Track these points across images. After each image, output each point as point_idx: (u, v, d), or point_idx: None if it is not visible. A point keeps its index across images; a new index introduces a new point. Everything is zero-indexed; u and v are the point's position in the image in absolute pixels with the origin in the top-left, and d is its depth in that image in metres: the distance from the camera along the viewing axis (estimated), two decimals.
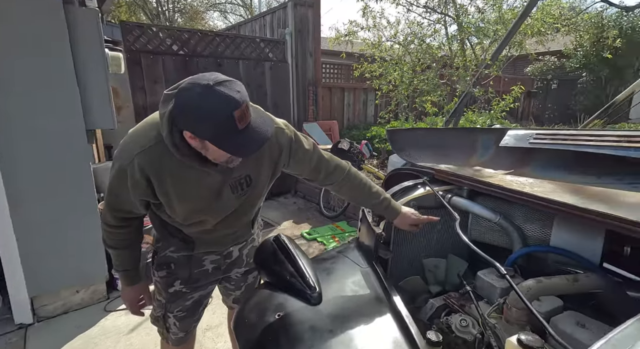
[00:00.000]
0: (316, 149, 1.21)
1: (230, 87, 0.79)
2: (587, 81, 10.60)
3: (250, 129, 0.82)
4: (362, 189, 1.25)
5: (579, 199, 1.00)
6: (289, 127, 1.20)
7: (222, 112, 0.76)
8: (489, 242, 1.39)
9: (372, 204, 1.26)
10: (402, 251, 1.43)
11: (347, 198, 1.37)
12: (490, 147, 1.51)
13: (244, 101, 0.79)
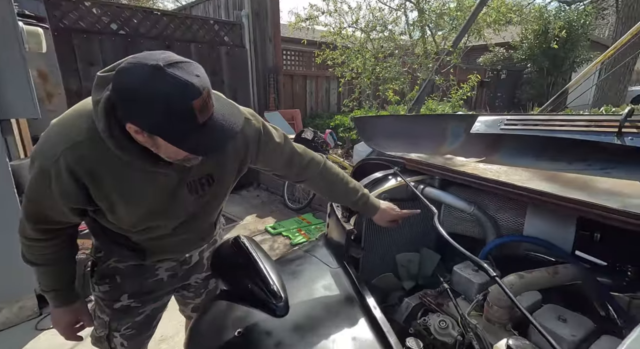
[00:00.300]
0: (288, 142, 1.08)
1: (187, 70, 0.65)
2: (531, 72, 11.38)
3: (214, 123, 0.68)
4: (339, 185, 1.14)
5: (557, 187, 0.95)
6: (257, 118, 1.02)
7: (177, 102, 0.62)
8: (461, 233, 1.34)
9: (351, 201, 1.16)
10: (374, 247, 1.34)
11: (323, 195, 1.23)
12: (460, 134, 1.45)
13: (205, 88, 0.65)
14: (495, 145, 1.32)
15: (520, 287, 0.87)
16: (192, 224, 1.08)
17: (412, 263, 1.33)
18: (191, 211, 1.02)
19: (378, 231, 1.34)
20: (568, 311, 0.91)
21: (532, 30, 10.23)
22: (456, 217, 1.32)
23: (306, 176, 1.10)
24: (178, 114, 0.63)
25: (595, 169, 1.05)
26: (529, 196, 0.95)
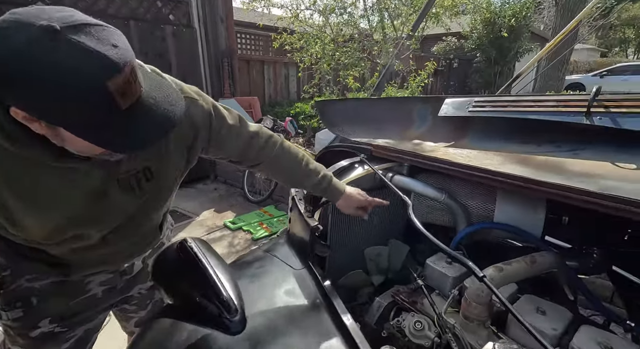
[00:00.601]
0: (243, 123, 0.94)
1: (98, 37, 0.48)
2: (480, 61, 11.96)
3: (142, 109, 0.53)
4: (299, 165, 1.01)
5: (530, 171, 0.90)
6: (205, 98, 0.84)
7: (83, 81, 0.47)
8: (431, 222, 1.28)
9: (312, 183, 1.02)
10: (341, 242, 1.23)
11: (281, 178, 1.07)
12: (427, 117, 1.37)
13: (127, 62, 0.50)
14: (464, 128, 1.25)
15: (500, 281, 0.80)
16: (130, 230, 0.88)
17: (381, 256, 1.25)
18: (127, 213, 0.82)
19: (346, 224, 1.23)
20: (543, 300, 0.87)
21: (481, 20, 10.71)
22: (427, 206, 1.25)
23: (263, 158, 0.97)
24: (85, 99, 0.48)
25: (565, 150, 1.01)
26: (504, 181, 0.89)
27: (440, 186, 1.22)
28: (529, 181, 0.84)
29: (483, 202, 1.14)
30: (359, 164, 1.27)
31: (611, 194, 0.70)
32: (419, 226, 0.75)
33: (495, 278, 0.80)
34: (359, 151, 1.34)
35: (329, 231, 1.17)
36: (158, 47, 3.96)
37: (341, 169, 1.26)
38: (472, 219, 1.17)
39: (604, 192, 0.72)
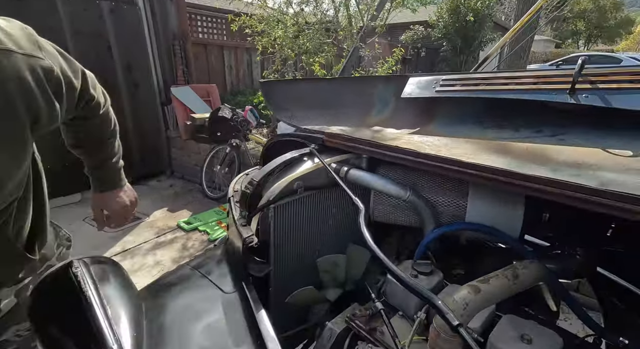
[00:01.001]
0: (86, 75, 0.81)
1: None
2: (446, 50, 12.09)
3: None
4: (105, 132, 0.96)
5: (511, 162, 0.72)
6: (44, 47, 0.62)
7: None
8: (394, 223, 1.09)
9: (101, 159, 0.99)
10: (287, 252, 1.01)
11: (79, 147, 0.97)
12: (389, 100, 1.17)
13: None
14: (431, 111, 1.06)
15: (477, 305, 0.62)
16: None
17: (337, 267, 1.04)
18: None
19: (293, 231, 1.01)
20: (527, 322, 0.70)
21: (447, 8, 10.77)
22: (389, 205, 1.06)
23: (87, 117, 0.88)
24: None
25: (547, 135, 0.85)
26: (480, 175, 0.70)
27: (405, 181, 1.03)
28: (511, 175, 0.66)
29: (454, 199, 0.97)
30: (308, 157, 1.04)
31: (618, 192, 0.53)
32: (369, 240, 0.54)
33: (472, 302, 0.62)
34: (309, 140, 1.12)
35: (272, 239, 0.95)
36: (94, 27, 3.47)
37: (287, 162, 1.03)
38: (442, 219, 0.99)
39: (608, 189, 0.55)
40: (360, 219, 0.62)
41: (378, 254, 0.53)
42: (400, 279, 0.48)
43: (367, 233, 0.57)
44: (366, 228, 0.59)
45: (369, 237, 0.56)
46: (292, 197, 0.96)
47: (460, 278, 0.98)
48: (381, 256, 0.52)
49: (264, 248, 0.94)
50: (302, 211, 1.01)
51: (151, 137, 4.21)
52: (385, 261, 0.51)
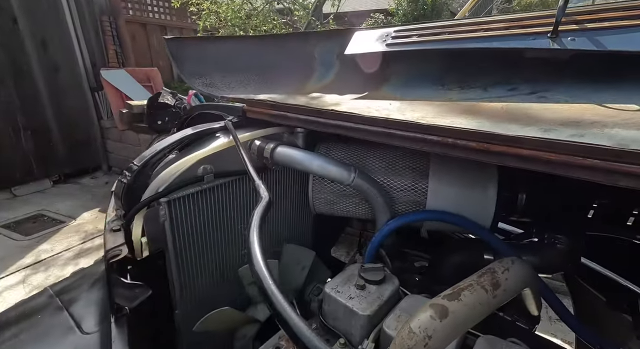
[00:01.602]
0: None
1: None
2: None
3: None
4: None
5: (483, 123, 0.50)
6: None
7: None
8: (341, 215, 0.87)
9: None
10: (194, 263, 0.74)
11: None
12: (332, 60, 0.93)
13: None
14: (382, 71, 0.84)
15: (445, 335, 0.41)
16: None
17: None
18: None
19: (201, 232, 0.74)
20: (512, 344, 0.50)
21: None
22: (331, 193, 0.82)
23: None
24: None
25: (524, 93, 0.65)
26: (443, 142, 0.49)
27: (350, 160, 0.81)
28: (488, 138, 0.44)
29: (411, 182, 0.76)
30: (223, 133, 0.78)
31: None
32: (254, 249, 0.29)
33: (437, 332, 0.40)
34: (228, 111, 0.85)
35: (170, 246, 0.68)
36: None
37: (197, 138, 0.76)
38: (398, 208, 0.78)
39: None
40: (255, 215, 0.38)
41: (262, 278, 0.29)
42: (282, 318, 0.24)
43: (256, 236, 0.33)
44: (257, 230, 0.35)
45: (256, 243, 0.32)
46: (196, 187, 0.70)
47: (424, 282, 0.78)
48: (267, 281, 0.28)
49: (157, 260, 0.67)
50: (214, 206, 0.74)
51: (81, 128, 3.66)
52: (267, 289, 0.27)
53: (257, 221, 0.36)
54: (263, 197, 0.43)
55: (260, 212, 0.38)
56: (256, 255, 0.31)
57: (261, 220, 0.37)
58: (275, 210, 0.92)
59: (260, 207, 0.40)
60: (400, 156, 0.79)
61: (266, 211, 0.39)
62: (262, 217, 0.37)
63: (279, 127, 0.81)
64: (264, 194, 0.44)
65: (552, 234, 0.73)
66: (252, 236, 0.34)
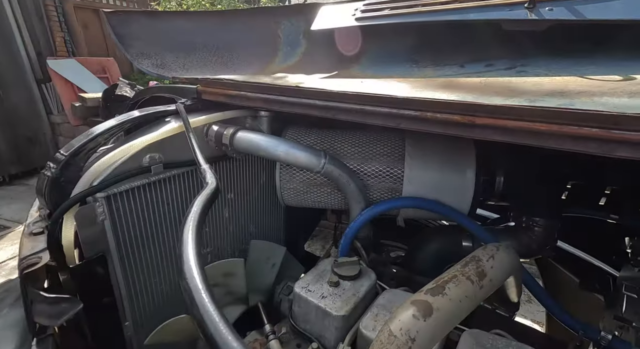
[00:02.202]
0: None
1: None
2: None
3: None
4: None
5: (463, 96, 0.45)
6: None
7: None
8: (312, 207, 0.80)
9: None
10: (143, 267, 0.65)
11: None
12: (297, 39, 0.86)
13: None
14: (352, 48, 0.77)
15: (430, 336, 0.35)
16: None
17: (232, 276, 0.72)
18: None
19: (150, 232, 0.64)
20: (499, 340, 0.46)
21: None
22: (302, 181, 0.75)
23: None
24: None
25: (502, 69, 0.61)
26: (424, 116, 0.43)
27: (320, 146, 0.74)
28: (472, 109, 0.39)
29: (386, 167, 0.70)
30: (174, 117, 0.68)
31: None
32: (187, 248, 0.21)
33: (421, 333, 0.34)
34: (181, 94, 0.75)
35: (112, 249, 0.58)
36: None
37: (144, 120, 0.66)
38: (373, 195, 0.73)
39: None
40: (195, 204, 0.30)
41: (192, 287, 0.21)
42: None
43: (191, 230, 0.25)
44: (195, 223, 0.27)
45: (190, 239, 0.24)
46: (142, 179, 0.60)
47: (403, 274, 0.73)
48: (199, 293, 0.21)
49: (96, 266, 0.57)
50: (166, 200, 0.65)
51: (26, 124, 3.32)
52: (197, 302, 0.20)
53: (196, 211, 0.28)
54: (209, 183, 0.35)
55: (202, 200, 0.30)
56: (188, 254, 0.23)
57: (203, 210, 0.29)
58: (241, 204, 0.84)
59: (202, 195, 0.32)
60: (374, 140, 0.74)
61: (211, 200, 0.32)
62: (204, 207, 0.29)
63: (240, 110, 0.72)
64: (210, 180, 0.36)
65: (529, 217, 0.71)
66: (187, 229, 0.26)
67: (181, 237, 0.25)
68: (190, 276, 0.22)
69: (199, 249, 0.24)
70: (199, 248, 0.24)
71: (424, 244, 0.75)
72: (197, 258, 0.23)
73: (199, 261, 0.23)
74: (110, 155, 0.56)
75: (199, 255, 0.24)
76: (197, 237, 0.25)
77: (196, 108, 0.72)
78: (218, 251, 0.82)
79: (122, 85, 3.07)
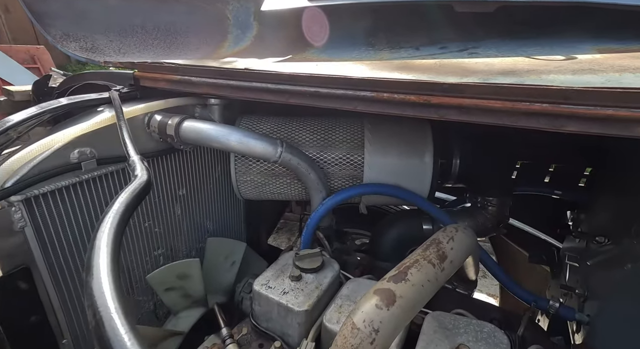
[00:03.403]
0: None
1: None
2: None
3: None
4: None
5: (423, 77, 0.44)
6: None
7: None
8: (271, 199, 0.76)
9: None
10: (77, 277, 0.57)
11: None
12: (248, 21, 0.80)
13: None
14: (306, 31, 0.73)
15: (394, 325, 0.34)
16: None
17: (188, 278, 0.66)
18: None
19: (90, 231, 0.57)
20: (460, 320, 0.47)
21: None
22: (260, 173, 0.71)
23: None
24: None
25: (455, 51, 0.61)
26: (381, 98, 0.41)
27: (276, 134, 0.70)
28: (429, 88, 0.38)
29: (346, 154, 0.68)
30: (107, 107, 0.60)
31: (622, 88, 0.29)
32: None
33: (385, 323, 0.33)
34: (117, 81, 0.67)
35: (39, 258, 0.50)
36: None
37: (64, 110, 0.57)
38: (334, 184, 0.71)
39: (610, 87, 0.31)
40: (117, 200, 0.25)
41: (97, 302, 0.17)
42: None
43: (107, 231, 0.21)
44: (116, 222, 0.22)
45: (103, 243, 0.20)
46: (70, 178, 0.52)
47: (366, 262, 0.73)
48: (106, 308, 0.17)
49: (17, 281, 0.49)
50: (104, 201, 0.57)
51: None
52: (102, 318, 0.16)
53: (117, 210, 0.23)
54: (138, 176, 0.30)
55: (127, 197, 0.25)
56: (98, 266, 0.19)
57: (127, 208, 0.24)
58: (195, 200, 0.78)
59: (127, 191, 0.27)
60: (333, 127, 0.71)
61: (139, 196, 0.27)
62: (129, 205, 0.25)
63: (186, 97, 0.66)
64: (140, 172, 0.31)
65: (484, 197, 0.74)
66: (102, 232, 0.21)
67: (93, 241, 0.20)
68: (99, 294, 0.17)
69: (116, 258, 0.20)
70: (116, 257, 0.20)
71: (386, 230, 0.75)
72: (111, 269, 0.18)
73: (114, 272, 0.18)
74: (27, 151, 0.48)
75: (115, 264, 0.19)
76: (115, 243, 0.20)
77: (134, 96, 0.64)
78: (172, 252, 0.76)
79: (56, 76, 2.75)
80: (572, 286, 0.73)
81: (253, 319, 0.52)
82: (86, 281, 0.18)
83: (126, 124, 0.47)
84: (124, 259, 0.63)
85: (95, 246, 0.20)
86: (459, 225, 0.49)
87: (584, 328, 0.62)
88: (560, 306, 0.61)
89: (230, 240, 0.77)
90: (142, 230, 0.66)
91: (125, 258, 0.64)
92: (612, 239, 0.60)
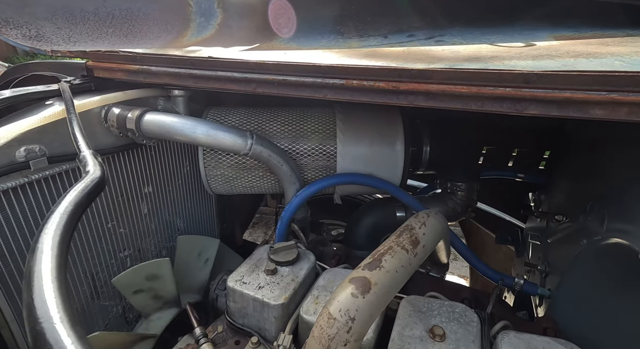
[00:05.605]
0: None
1: None
2: None
3: None
4: None
5: (392, 64, 0.44)
6: None
7: None
8: (243, 193, 0.74)
9: None
10: None
11: None
12: (212, 7, 0.76)
13: None
14: (274, 19, 0.71)
15: (369, 313, 0.34)
16: None
17: (158, 278, 0.63)
18: None
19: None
20: (433, 302, 0.48)
21: None
22: (230, 166, 0.69)
23: None
24: None
25: (422, 39, 0.62)
26: (350, 85, 0.40)
27: (246, 127, 0.68)
28: (398, 74, 0.37)
29: (318, 144, 0.68)
30: (56, 100, 0.55)
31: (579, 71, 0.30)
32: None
33: (361, 312, 0.33)
34: (66, 72, 0.62)
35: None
36: None
37: (7, 103, 0.52)
38: (307, 175, 0.70)
39: (573, 70, 0.32)
40: (65, 198, 0.23)
41: (41, 316, 0.15)
42: None
43: (51, 234, 0.19)
44: (63, 223, 0.20)
45: (46, 247, 0.18)
46: (17, 178, 0.48)
47: (342, 251, 0.73)
48: (49, 321, 0.15)
49: None
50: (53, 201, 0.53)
51: None
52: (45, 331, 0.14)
53: (63, 211, 0.21)
54: (89, 172, 0.28)
55: (76, 195, 0.23)
56: (40, 272, 0.17)
57: (76, 208, 0.22)
58: (163, 197, 0.74)
59: (76, 189, 0.24)
60: (304, 117, 0.70)
61: (90, 194, 0.25)
62: (78, 204, 0.22)
63: (146, 89, 0.62)
64: (92, 168, 0.29)
65: (453, 183, 0.76)
66: (45, 234, 0.19)
67: (34, 244, 0.18)
68: (40, 303, 0.15)
69: (63, 263, 0.17)
70: (63, 261, 0.18)
71: (361, 219, 0.76)
72: (57, 276, 0.16)
73: (60, 279, 0.16)
74: None
75: (61, 269, 0.17)
76: (62, 246, 0.18)
77: (88, 88, 0.59)
78: (139, 253, 0.72)
79: (1, 70, 2.52)
80: (535, 263, 0.77)
81: (228, 316, 0.51)
82: (25, 289, 0.16)
83: (77, 117, 0.44)
84: (86, 263, 0.59)
85: (38, 249, 0.17)
86: (430, 211, 0.50)
87: (546, 301, 0.66)
88: (525, 282, 0.64)
89: (202, 237, 0.75)
90: (105, 231, 0.62)
91: (88, 262, 0.60)
92: (569, 217, 0.64)
